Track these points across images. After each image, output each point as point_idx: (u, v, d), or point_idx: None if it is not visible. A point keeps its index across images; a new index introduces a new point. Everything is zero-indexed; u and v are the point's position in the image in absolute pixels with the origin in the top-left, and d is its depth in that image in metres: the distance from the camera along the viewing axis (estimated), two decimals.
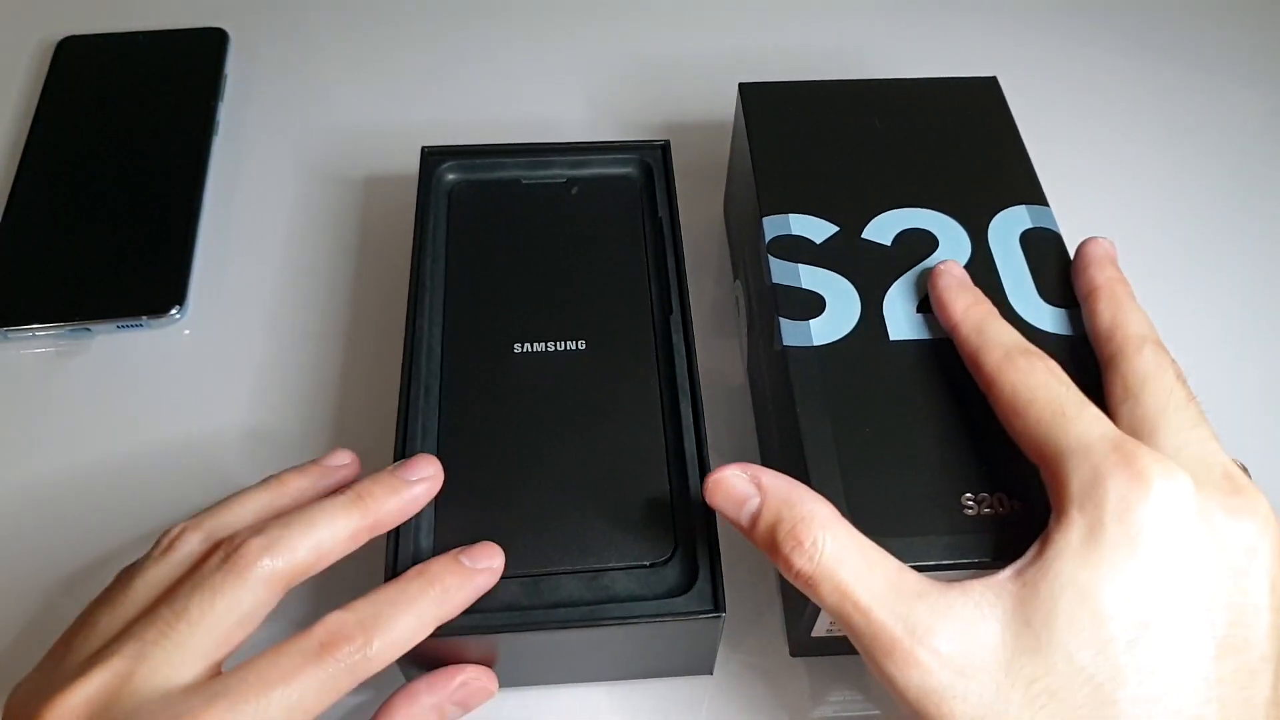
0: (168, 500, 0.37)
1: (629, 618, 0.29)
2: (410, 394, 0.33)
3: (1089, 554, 0.24)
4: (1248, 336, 0.44)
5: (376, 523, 0.29)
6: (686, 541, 0.30)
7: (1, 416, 0.40)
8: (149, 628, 0.26)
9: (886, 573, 0.26)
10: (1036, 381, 0.28)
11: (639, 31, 0.55)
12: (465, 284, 0.36)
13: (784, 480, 0.28)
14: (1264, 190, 0.49)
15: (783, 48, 0.54)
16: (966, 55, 0.54)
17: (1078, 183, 0.48)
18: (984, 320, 0.31)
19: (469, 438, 0.33)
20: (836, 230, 0.36)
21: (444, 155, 0.39)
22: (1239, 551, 0.25)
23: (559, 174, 0.39)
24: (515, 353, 0.34)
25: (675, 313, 0.35)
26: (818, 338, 0.33)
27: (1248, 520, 0.25)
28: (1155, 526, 0.25)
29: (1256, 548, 0.25)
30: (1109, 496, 0.25)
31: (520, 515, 0.31)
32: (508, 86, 0.52)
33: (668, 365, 0.34)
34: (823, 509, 0.27)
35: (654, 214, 0.38)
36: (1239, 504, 0.25)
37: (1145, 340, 0.30)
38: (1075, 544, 0.25)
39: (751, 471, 0.28)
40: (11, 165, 0.46)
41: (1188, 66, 0.54)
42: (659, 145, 0.40)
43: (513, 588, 0.30)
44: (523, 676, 0.33)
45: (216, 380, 0.41)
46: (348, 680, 0.26)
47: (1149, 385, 0.28)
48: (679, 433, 0.32)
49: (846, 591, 0.25)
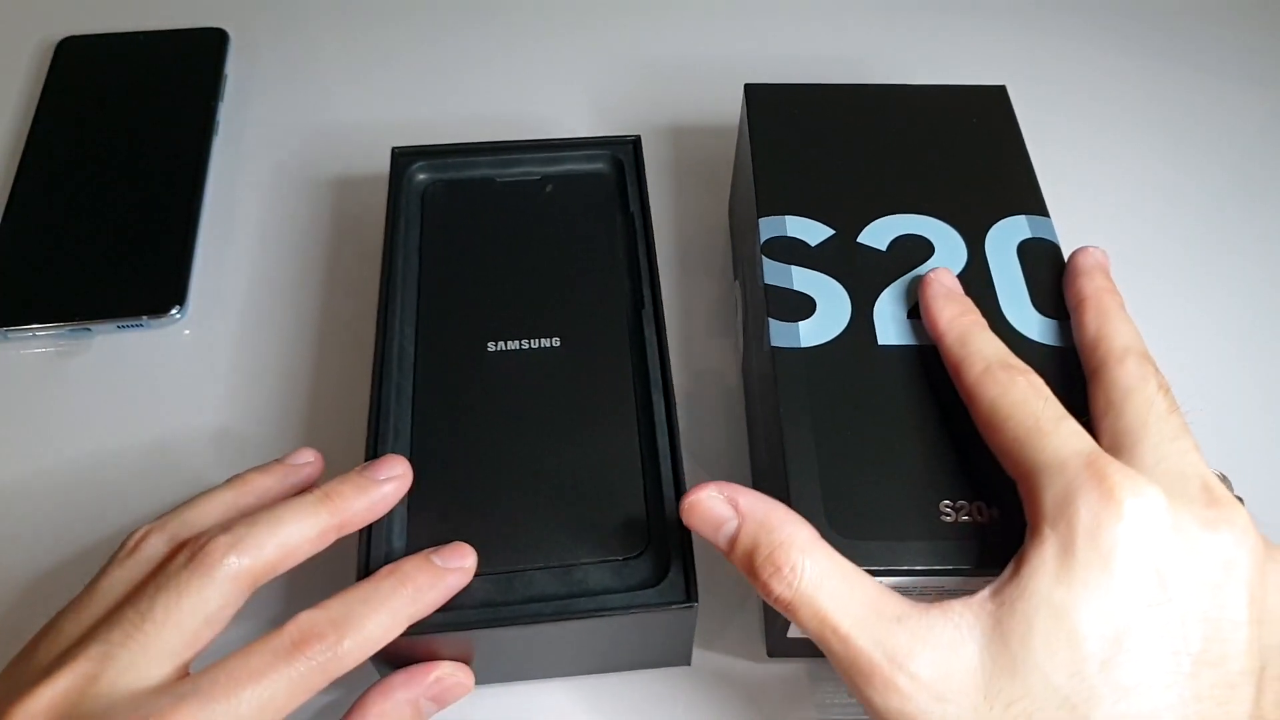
0: (168, 500, 0.37)
1: (601, 610, 0.29)
2: (382, 394, 0.33)
3: (1062, 573, 0.24)
4: (1251, 344, 0.44)
5: (344, 522, 0.29)
6: (659, 535, 0.31)
7: (1, 416, 0.40)
8: (114, 629, 0.26)
9: (866, 597, 0.26)
10: (1015, 396, 0.28)
11: (648, 34, 0.55)
12: (439, 283, 0.36)
13: (761, 502, 0.28)
14: (1268, 199, 0.49)
15: (794, 52, 0.54)
16: (973, 62, 0.54)
17: (1081, 191, 0.48)
18: (968, 331, 0.31)
19: (442, 436, 0.33)
20: (832, 234, 0.36)
21: (414, 155, 0.40)
22: (1216, 565, 0.25)
23: (531, 172, 0.39)
24: (489, 351, 0.34)
25: (647, 306, 0.35)
26: (806, 339, 0.33)
27: (1225, 532, 0.25)
28: (1127, 544, 0.24)
29: (1234, 560, 0.25)
30: (1080, 515, 0.25)
31: (494, 512, 0.31)
32: (514, 87, 0.52)
33: (641, 360, 0.34)
34: (801, 532, 0.27)
35: (626, 209, 0.38)
36: (1215, 516, 0.25)
37: (1129, 352, 0.29)
38: (1049, 563, 0.25)
39: (729, 492, 0.28)
40: (11, 165, 0.46)
41: (1193, 73, 0.54)
42: (630, 140, 0.40)
43: (486, 585, 0.30)
44: (499, 673, 0.33)
45: (216, 379, 0.41)
46: (319, 678, 0.26)
47: (1131, 398, 0.28)
48: (652, 427, 0.33)
49: (825, 618, 0.25)
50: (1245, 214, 0.48)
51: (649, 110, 0.51)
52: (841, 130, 0.39)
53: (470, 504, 0.31)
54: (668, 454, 0.32)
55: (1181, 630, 0.24)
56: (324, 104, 0.51)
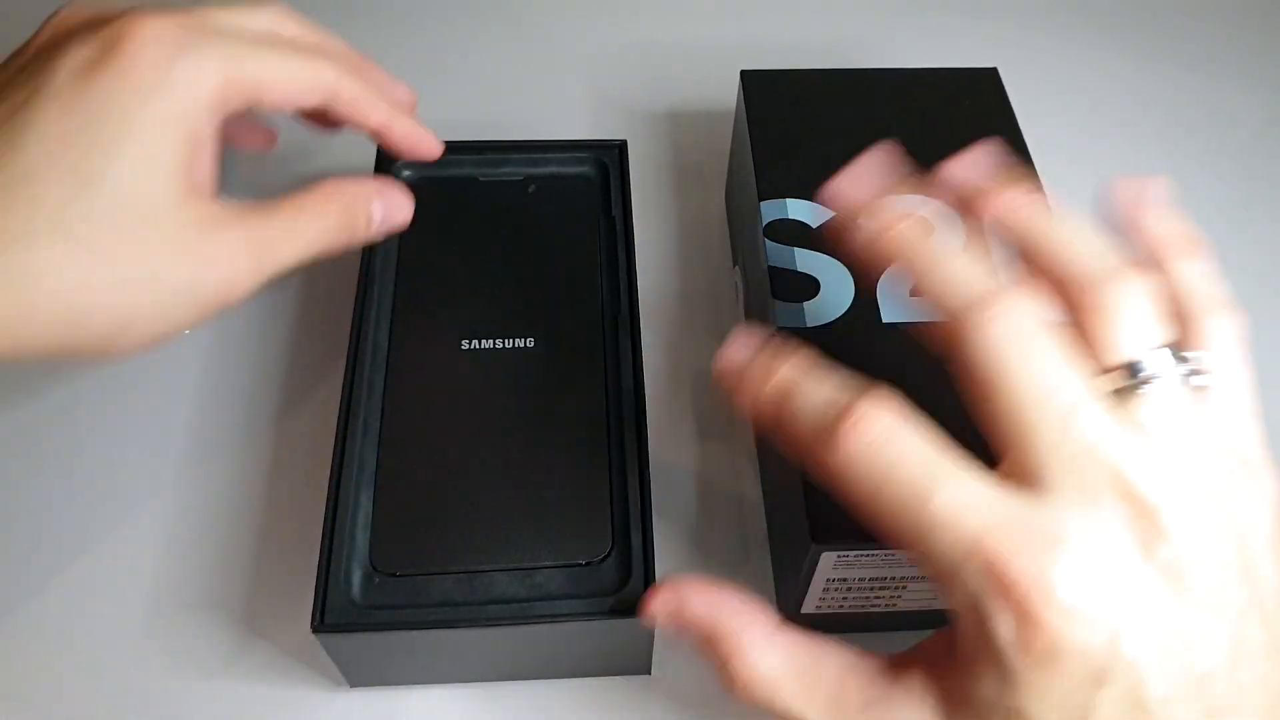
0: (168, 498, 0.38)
1: (559, 616, 0.29)
2: (353, 387, 0.33)
3: (1005, 687, 0.21)
4: (1248, 328, 0.44)
5: (340, 95, 0.31)
6: (623, 541, 0.30)
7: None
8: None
9: (828, 687, 0.24)
10: (887, 456, 0.22)
11: (641, 21, 0.55)
12: (416, 279, 0.36)
13: (706, 608, 0.26)
14: (1264, 181, 0.49)
15: (787, 37, 0.54)
16: (967, 48, 0.54)
17: (1075, 173, 0.48)
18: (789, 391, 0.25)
19: (411, 432, 0.33)
20: (833, 215, 0.36)
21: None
22: (1187, 629, 0.21)
23: (515, 172, 0.39)
24: (463, 349, 0.34)
25: (624, 312, 0.35)
26: (811, 319, 0.33)
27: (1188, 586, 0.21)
28: (1063, 649, 0.21)
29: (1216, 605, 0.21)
30: (1000, 633, 0.21)
31: (459, 511, 0.31)
32: (507, 75, 0.52)
33: (615, 365, 0.34)
34: (747, 634, 0.25)
35: (608, 213, 0.38)
36: (1165, 559, 0.21)
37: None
38: (987, 677, 0.22)
39: (675, 604, 0.26)
40: None
41: (1181, 54, 0.54)
42: (616, 145, 0.40)
43: (447, 583, 0.30)
44: (455, 673, 0.33)
45: (184, 371, 0.41)
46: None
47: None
48: (621, 432, 0.32)
49: (788, 717, 0.24)
50: (1243, 201, 0.48)
51: (643, 98, 0.51)
52: (838, 114, 0.39)
53: (436, 500, 0.31)
54: (635, 459, 0.32)
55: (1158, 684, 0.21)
56: None
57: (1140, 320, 0.23)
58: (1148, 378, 0.23)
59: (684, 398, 0.41)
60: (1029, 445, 0.22)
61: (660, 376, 0.41)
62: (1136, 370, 0.23)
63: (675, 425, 0.40)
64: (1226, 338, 0.25)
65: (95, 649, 0.34)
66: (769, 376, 0.25)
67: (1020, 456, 0.22)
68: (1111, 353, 0.23)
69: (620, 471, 0.32)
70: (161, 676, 0.33)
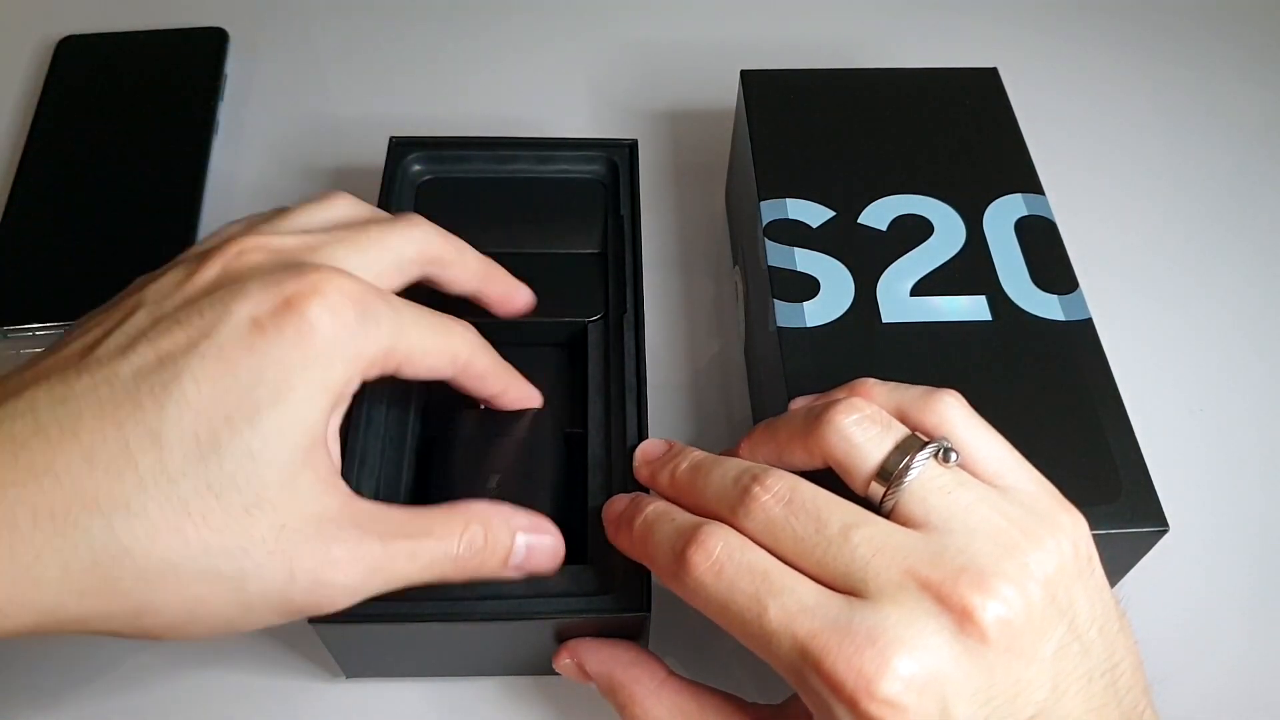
0: None
1: (555, 612, 0.29)
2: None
3: None
4: (1245, 327, 0.44)
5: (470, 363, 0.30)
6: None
7: None
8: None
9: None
10: (726, 576, 0.24)
11: (643, 21, 0.55)
12: None
13: (600, 665, 0.29)
14: (1262, 178, 0.49)
15: (787, 37, 0.54)
16: (967, 48, 0.54)
17: (1076, 172, 0.48)
18: (648, 523, 0.27)
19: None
20: (833, 215, 0.36)
21: (411, 145, 0.39)
22: (1009, 683, 0.23)
23: (525, 169, 0.39)
24: None
25: (629, 311, 0.35)
26: (811, 319, 0.33)
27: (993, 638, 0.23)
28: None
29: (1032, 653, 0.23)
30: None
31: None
32: (511, 77, 0.52)
33: (619, 364, 0.34)
34: (638, 686, 0.28)
35: (617, 212, 0.38)
36: (974, 628, 0.23)
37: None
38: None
39: (578, 657, 0.29)
40: (11, 165, 0.46)
41: (1185, 57, 0.54)
42: (627, 144, 0.40)
43: None
44: (450, 667, 0.33)
45: None
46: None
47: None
48: (623, 431, 0.32)
49: None
50: (1240, 199, 0.48)
51: (643, 98, 0.51)
52: (838, 114, 0.39)
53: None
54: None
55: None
56: (324, 104, 0.51)
57: (868, 431, 0.25)
58: (901, 473, 0.24)
59: (684, 397, 0.41)
60: (835, 575, 0.24)
61: (660, 375, 0.41)
62: (887, 474, 0.25)
63: (675, 424, 0.40)
64: (953, 407, 0.26)
65: (92, 641, 0.34)
66: (636, 515, 0.27)
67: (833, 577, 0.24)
68: (859, 472, 0.25)
69: (622, 468, 0.32)
70: (159, 666, 0.33)
